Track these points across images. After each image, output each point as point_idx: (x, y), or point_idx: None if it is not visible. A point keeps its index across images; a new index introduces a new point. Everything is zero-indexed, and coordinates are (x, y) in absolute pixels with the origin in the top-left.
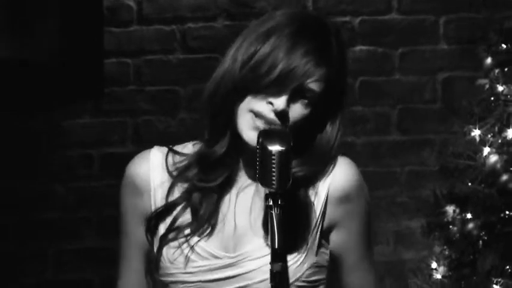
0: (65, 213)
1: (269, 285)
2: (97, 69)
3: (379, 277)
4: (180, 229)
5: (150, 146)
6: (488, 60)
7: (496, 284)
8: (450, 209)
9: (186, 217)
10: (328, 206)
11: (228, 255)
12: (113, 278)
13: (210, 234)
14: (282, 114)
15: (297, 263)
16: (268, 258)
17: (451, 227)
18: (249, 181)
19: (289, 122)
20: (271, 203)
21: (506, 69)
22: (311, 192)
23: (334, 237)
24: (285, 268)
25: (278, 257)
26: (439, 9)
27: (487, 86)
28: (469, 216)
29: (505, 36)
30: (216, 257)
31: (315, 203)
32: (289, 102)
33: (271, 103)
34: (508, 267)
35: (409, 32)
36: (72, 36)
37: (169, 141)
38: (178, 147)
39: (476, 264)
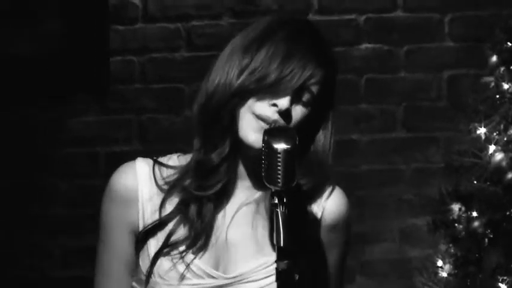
0: (70, 210)
1: None
2: (102, 67)
3: (384, 274)
4: (174, 245)
5: (155, 144)
6: (494, 58)
7: (502, 282)
8: (456, 207)
9: (180, 232)
10: None
11: (223, 275)
12: None
13: (204, 249)
14: (286, 114)
15: None
16: (265, 282)
17: (456, 225)
18: (245, 195)
19: (292, 122)
20: (276, 201)
21: (511, 67)
22: (309, 209)
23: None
24: (290, 266)
25: (283, 255)
26: (445, 6)
27: (493, 84)
28: (474, 214)
29: (511, 34)
30: (212, 277)
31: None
32: (292, 102)
33: (275, 105)
34: None
35: (414, 29)
36: (77, 34)
37: (174, 138)
38: (163, 159)
39: (482, 262)
